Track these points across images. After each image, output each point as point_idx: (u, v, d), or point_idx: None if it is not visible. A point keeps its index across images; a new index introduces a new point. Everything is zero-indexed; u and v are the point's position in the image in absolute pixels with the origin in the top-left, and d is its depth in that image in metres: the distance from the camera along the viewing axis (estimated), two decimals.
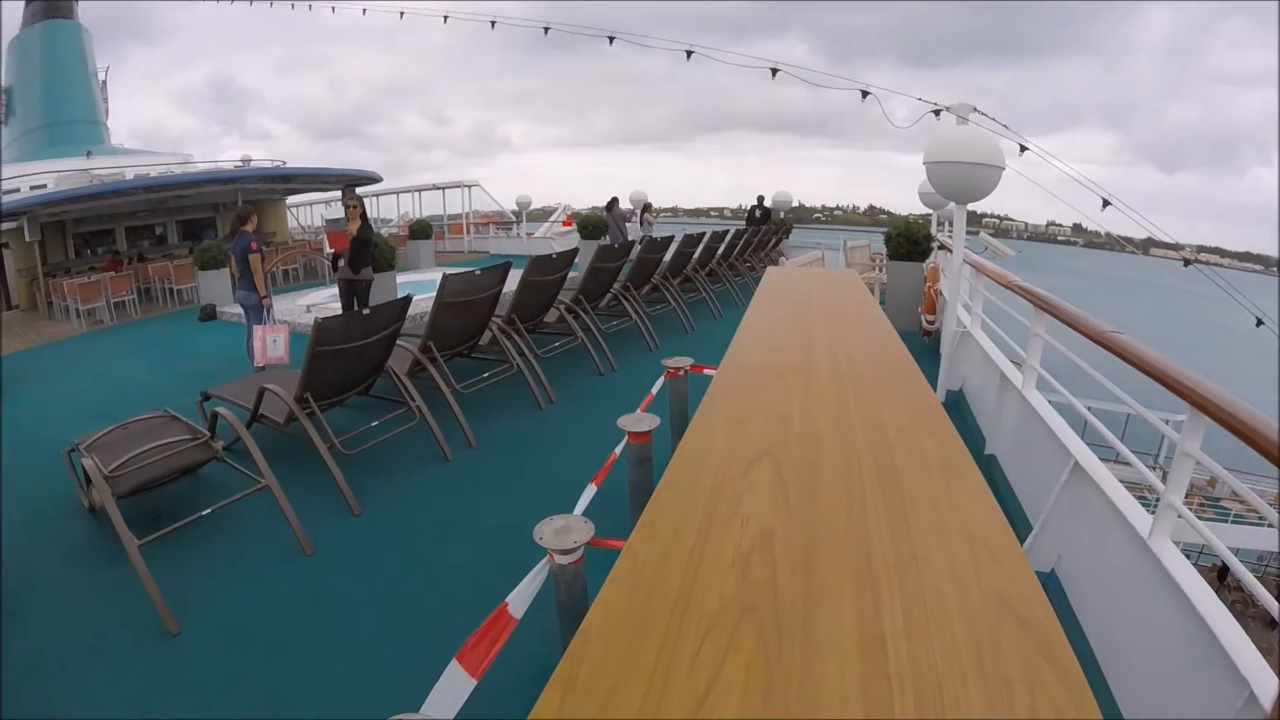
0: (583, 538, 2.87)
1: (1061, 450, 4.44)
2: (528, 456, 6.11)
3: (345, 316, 5.79)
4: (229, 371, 9.68)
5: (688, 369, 5.12)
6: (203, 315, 15.50)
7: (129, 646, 4.04)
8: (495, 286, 6.96)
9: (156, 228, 26.14)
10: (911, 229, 11.19)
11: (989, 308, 7.24)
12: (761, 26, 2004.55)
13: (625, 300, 9.47)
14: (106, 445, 5.21)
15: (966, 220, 6.85)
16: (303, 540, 4.80)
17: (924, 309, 10.40)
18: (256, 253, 9.03)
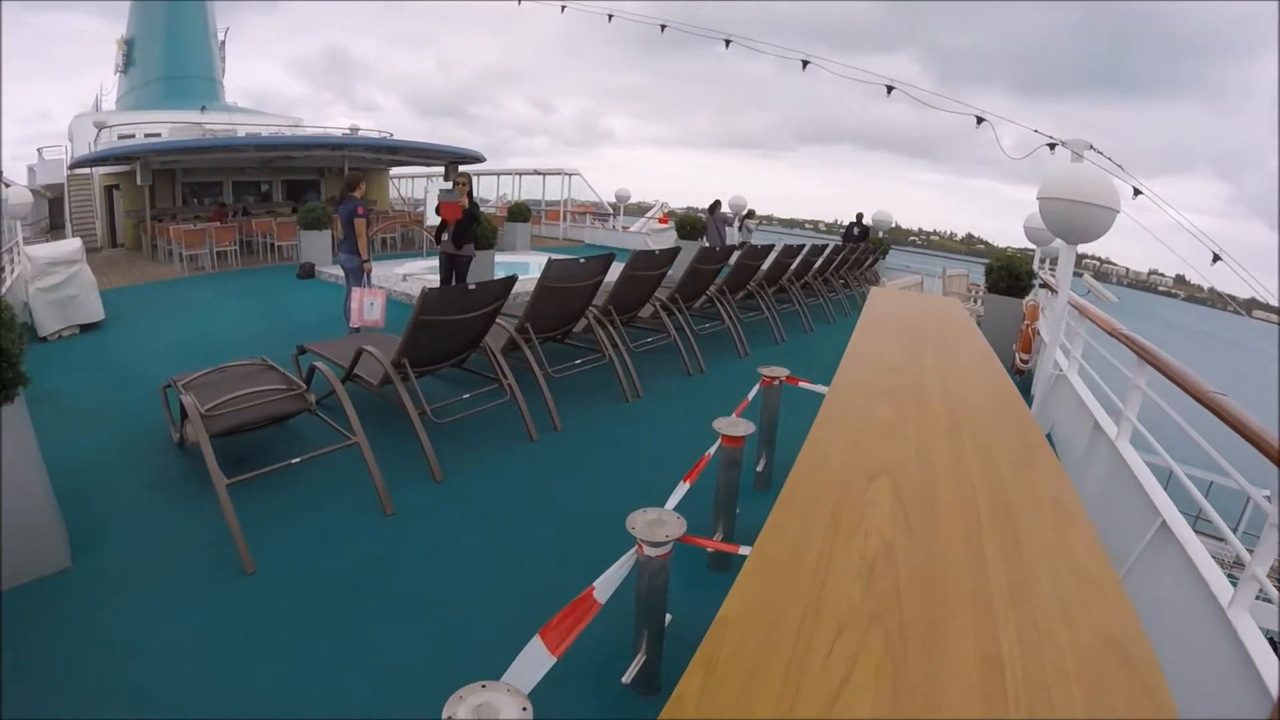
0: (674, 532, 2.86)
1: (1149, 508, 4.29)
2: (611, 446, 6.10)
3: (451, 289, 5.85)
4: (323, 329, 9.93)
5: (783, 380, 5.07)
6: (301, 272, 15.84)
7: (205, 579, 4.15)
8: (597, 276, 6.95)
9: (262, 185, 26.90)
10: (1014, 263, 10.89)
11: (1088, 352, 7.05)
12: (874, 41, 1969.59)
13: (720, 304, 9.39)
14: (204, 385, 5.33)
15: None
16: (385, 499, 4.85)
17: (1019, 346, 10.17)
18: (362, 218, 9.18)
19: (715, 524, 4.31)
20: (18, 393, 4.06)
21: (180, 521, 4.85)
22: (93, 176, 25.45)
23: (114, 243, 24.95)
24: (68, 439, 6.12)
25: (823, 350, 9.58)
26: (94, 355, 9.56)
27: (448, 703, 1.75)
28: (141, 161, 20.60)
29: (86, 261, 10.95)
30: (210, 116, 29.36)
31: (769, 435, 5.19)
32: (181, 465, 5.70)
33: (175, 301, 13.46)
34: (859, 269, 14.85)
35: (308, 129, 31.75)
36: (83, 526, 4.66)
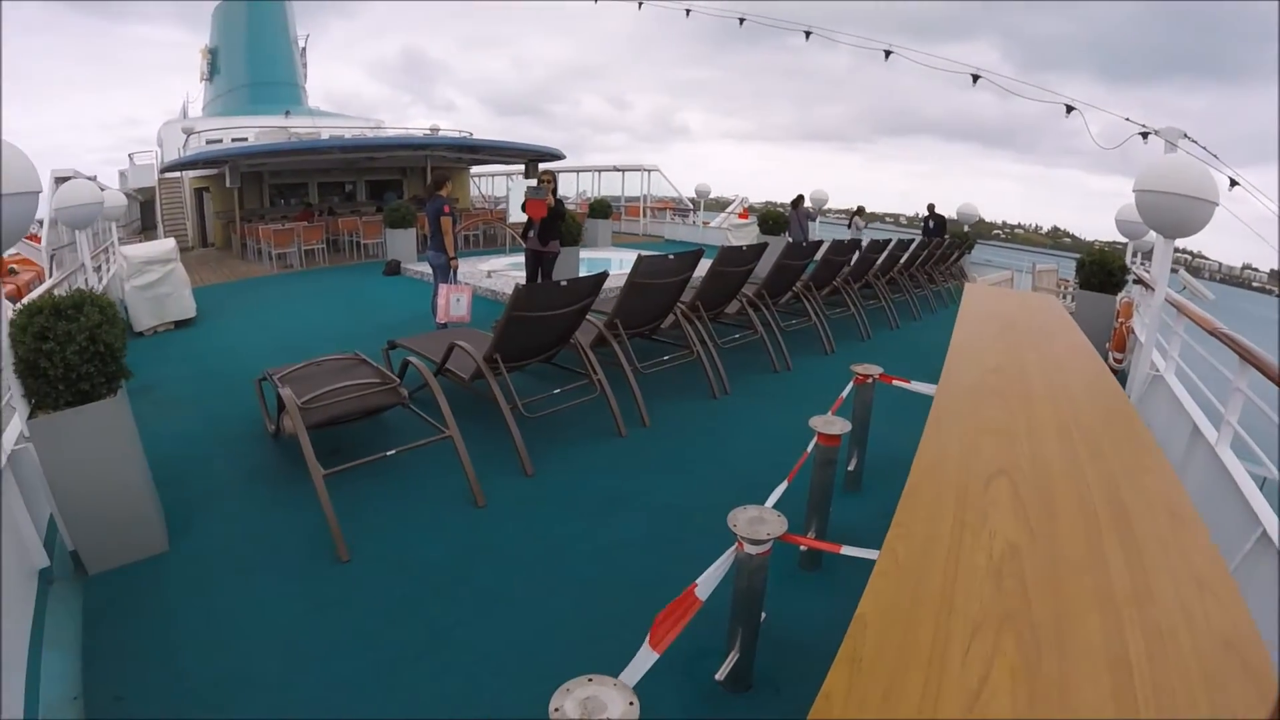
0: (775, 530, 2.83)
1: (1249, 516, 4.10)
2: (699, 443, 6.03)
3: (544, 285, 5.87)
4: (410, 324, 10.06)
5: (876, 378, 4.97)
6: (388, 270, 16.08)
7: (300, 565, 4.26)
8: (686, 272, 6.89)
9: (346, 185, 27.49)
10: (1106, 258, 10.51)
11: (1185, 352, 6.79)
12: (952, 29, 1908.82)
13: (806, 300, 9.27)
14: (299, 378, 5.44)
15: None
16: (476, 492, 4.88)
17: (1112, 345, 9.86)
18: (448, 216, 9.26)
19: (808, 523, 4.25)
20: (120, 385, 4.25)
21: (275, 510, 4.99)
22: (183, 180, 26.53)
23: (204, 242, 25.89)
24: (165, 429, 6.32)
25: (911, 347, 9.45)
26: (188, 349, 9.82)
27: (555, 695, 1.76)
28: (230, 165, 21.17)
29: (180, 260, 11.26)
30: (294, 120, 30.25)
31: (861, 435, 5.09)
32: (276, 455, 5.85)
33: (265, 298, 13.83)
34: (945, 264, 14.54)
35: (389, 130, 32.33)
36: (180, 513, 4.82)
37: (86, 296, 4.16)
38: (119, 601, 4.00)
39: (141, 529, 4.37)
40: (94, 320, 4.04)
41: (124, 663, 3.52)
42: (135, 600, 4.01)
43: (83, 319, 4.00)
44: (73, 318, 3.99)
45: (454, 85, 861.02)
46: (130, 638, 3.69)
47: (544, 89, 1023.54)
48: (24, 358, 3.93)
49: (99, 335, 4.03)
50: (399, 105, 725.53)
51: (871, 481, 5.15)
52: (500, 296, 12.08)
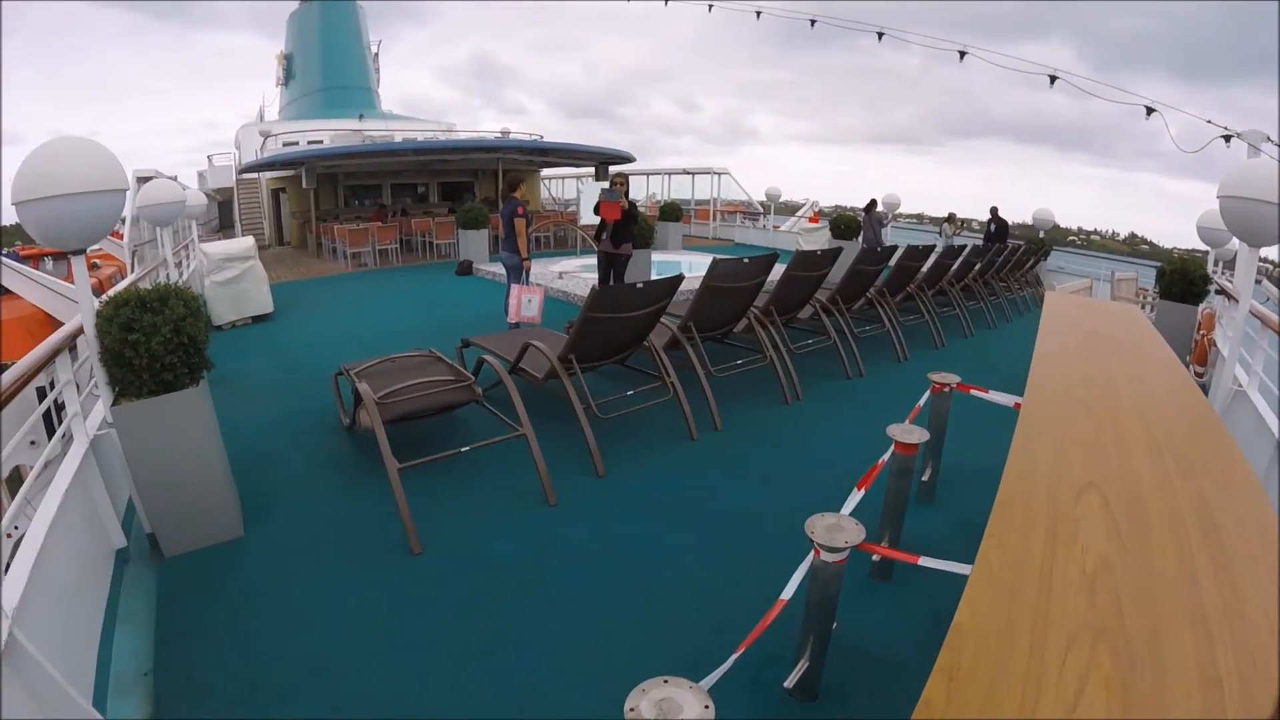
0: (853, 539, 2.78)
1: None
2: (771, 448, 5.96)
3: (620, 286, 5.87)
4: (482, 324, 10.13)
5: (954, 387, 4.86)
6: (460, 270, 16.29)
7: (372, 556, 4.32)
8: (760, 276, 6.84)
9: (419, 187, 27.95)
10: (1187, 267, 10.11)
11: (1270, 367, 6.52)
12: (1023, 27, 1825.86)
13: (880, 306, 9.13)
14: (375, 374, 5.51)
15: None
16: (548, 490, 4.90)
17: (1193, 358, 9.55)
18: (521, 217, 9.30)
19: (881, 533, 4.17)
20: (202, 376, 4.39)
21: (349, 501, 5.08)
22: (260, 180, 27.34)
23: (281, 241, 26.65)
24: (243, 419, 6.51)
25: (986, 356, 9.25)
26: (265, 343, 10.08)
27: (630, 695, 1.78)
28: (306, 166, 21.68)
29: (258, 258, 11.52)
30: (368, 124, 30.97)
31: (936, 445, 4.98)
32: (350, 448, 5.96)
33: (340, 295, 14.11)
34: (1020, 271, 14.23)
35: (460, 133, 32.71)
36: (255, 501, 4.96)
37: (172, 290, 4.30)
38: (193, 584, 4.11)
39: (218, 515, 4.51)
40: (178, 313, 4.17)
41: (195, 643, 3.61)
42: (209, 584, 4.11)
43: (168, 311, 4.14)
44: (158, 310, 4.13)
45: (524, 89, 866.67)
46: (203, 620, 3.78)
47: (613, 92, 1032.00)
48: (109, 347, 4.07)
49: (183, 327, 4.16)
50: (470, 109, 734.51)
51: (946, 493, 5.04)
52: (571, 298, 12.17)
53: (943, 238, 19.84)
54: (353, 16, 38.44)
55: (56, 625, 3.11)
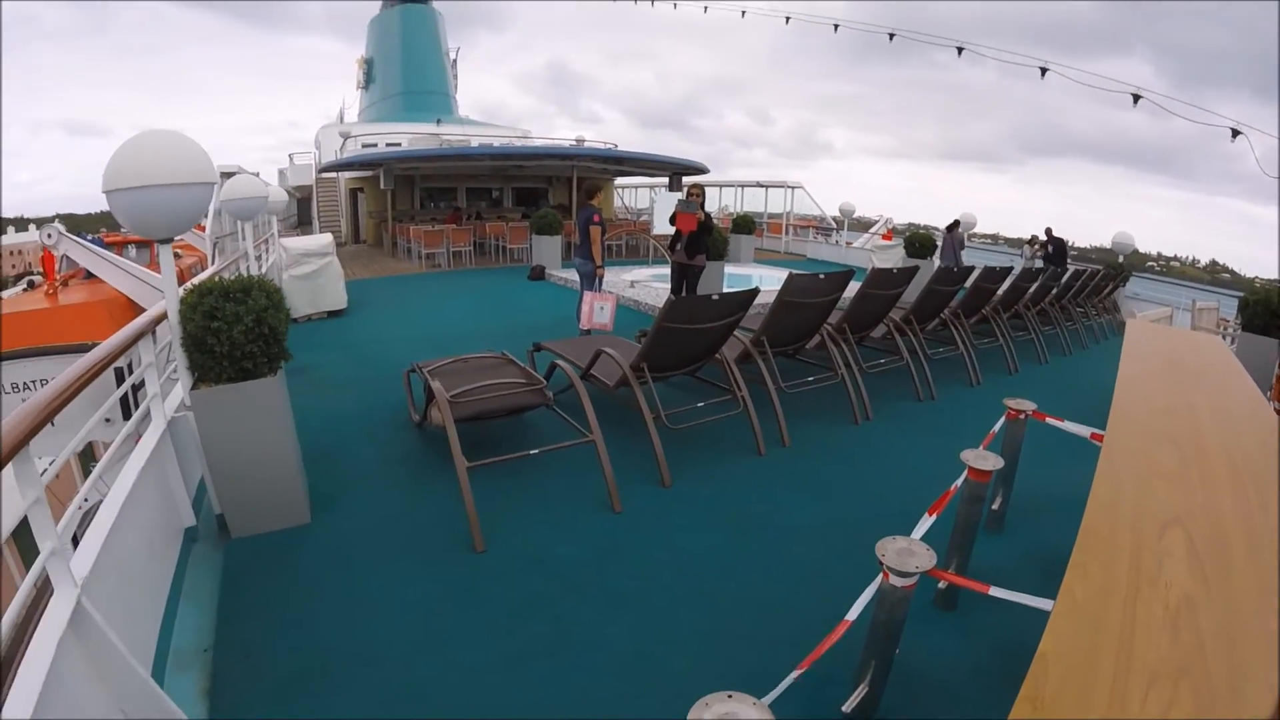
0: (924, 564, 2.71)
1: None
2: (839, 467, 5.86)
3: (696, 298, 5.85)
4: (552, 328, 10.24)
5: (1029, 414, 4.74)
6: (532, 274, 16.41)
7: (436, 551, 4.38)
8: (835, 292, 6.77)
9: (493, 191, 28.47)
10: (1271, 298, 9.76)
11: None
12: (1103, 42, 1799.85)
13: (954, 328, 8.97)
14: (447, 373, 5.60)
15: None
16: (614, 497, 4.89)
17: (1274, 394, 9.29)
18: (597, 225, 9.35)
19: (949, 560, 4.08)
20: (280, 366, 4.51)
21: (416, 496, 5.15)
22: (339, 180, 28.05)
23: (357, 239, 27.40)
24: (315, 410, 6.65)
25: (1061, 383, 8.99)
26: (339, 337, 10.32)
27: (694, 708, 1.79)
28: (385, 168, 22.18)
29: (335, 254, 11.75)
30: (445, 128, 31.73)
31: (1009, 473, 4.85)
32: (418, 443, 6.03)
33: (413, 294, 14.38)
34: (1098, 297, 13.88)
35: (536, 140, 33.18)
36: (324, 489, 5.07)
37: (255, 281, 4.44)
38: (258, 565, 4.22)
39: (286, 501, 4.62)
40: (261, 304, 4.29)
41: (257, 623, 3.69)
42: (273, 567, 4.21)
43: (250, 302, 4.26)
44: (241, 300, 4.25)
45: (598, 97, 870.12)
46: (265, 601, 3.87)
47: (687, 102, 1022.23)
48: (192, 334, 4.21)
49: (264, 318, 4.28)
50: (545, 116, 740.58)
51: (1015, 523, 4.90)
52: (642, 307, 12.22)
53: (1023, 259, 19.46)
54: (432, 23, 39.66)
55: (123, 597, 3.19)
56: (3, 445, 2.32)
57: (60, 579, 2.61)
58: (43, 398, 2.81)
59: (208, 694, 3.22)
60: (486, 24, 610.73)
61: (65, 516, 2.95)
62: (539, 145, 29.35)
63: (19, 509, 2.52)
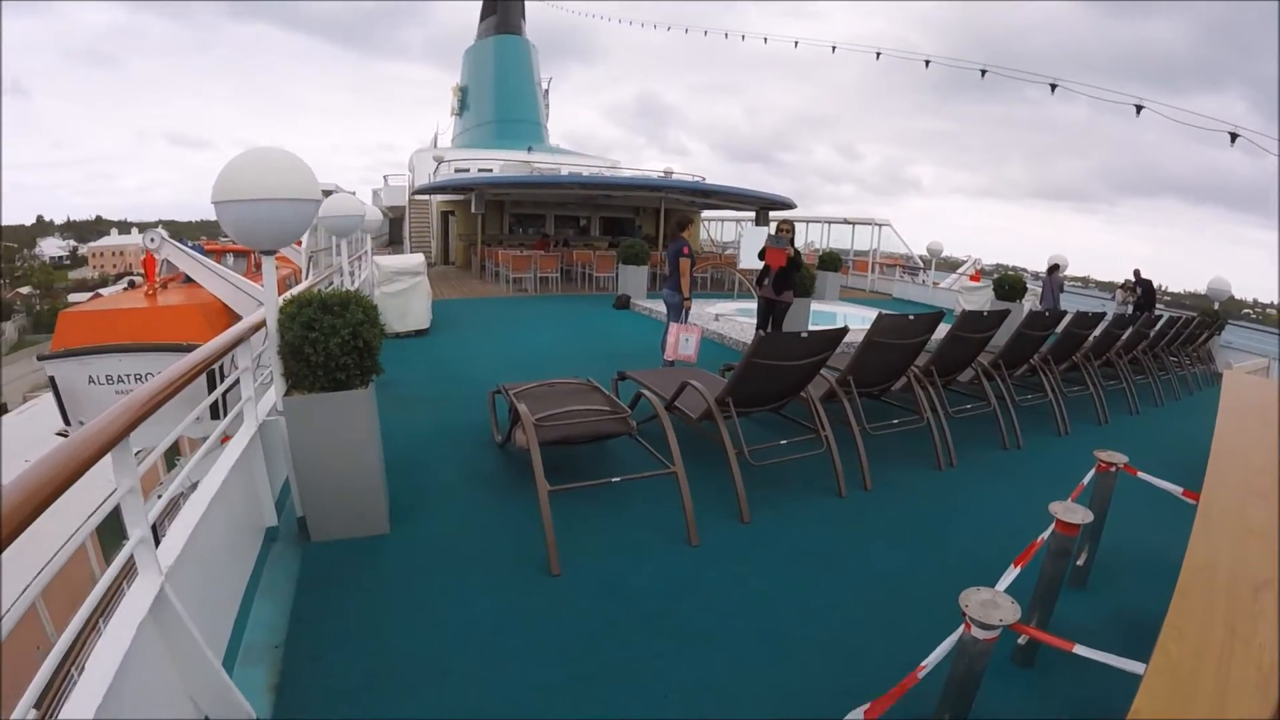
0: (1008, 617, 2.64)
1: None
2: (921, 514, 5.73)
3: (785, 334, 5.82)
4: (636, 358, 10.26)
5: (1120, 467, 4.58)
6: (617, 303, 16.56)
7: (511, 570, 4.42)
8: (924, 334, 6.69)
9: (581, 219, 28.91)
10: None
11: None
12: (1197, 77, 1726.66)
13: (1044, 374, 8.69)
14: (533, 396, 5.64)
15: None
16: (692, 530, 4.85)
17: None
18: (687, 257, 9.36)
19: (1030, 615, 3.97)
20: (372, 379, 4.65)
21: (494, 514, 5.21)
22: (431, 202, 28.94)
23: (446, 260, 28.03)
24: (400, 424, 6.80)
25: (1153, 436, 8.65)
26: (426, 355, 10.54)
27: None
28: (477, 192, 22.65)
29: (426, 274, 12.03)
30: (536, 156, 32.46)
31: (1096, 527, 4.67)
32: (499, 463, 6.11)
33: (499, 317, 14.65)
34: (1191, 345, 13.38)
35: (624, 170, 33.58)
36: (404, 501, 5.20)
37: (353, 296, 4.60)
38: (335, 569, 4.32)
39: (367, 509, 4.74)
40: (357, 318, 4.44)
41: (328, 626, 3.78)
42: (349, 572, 4.31)
43: (348, 315, 4.41)
44: (339, 313, 4.39)
45: (686, 130, 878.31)
46: (338, 604, 3.97)
47: (775, 136, 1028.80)
48: (290, 342, 4.37)
49: (360, 332, 4.43)
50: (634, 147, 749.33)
51: (1099, 579, 4.73)
52: (726, 340, 12.20)
53: (1115, 304, 18.93)
54: (525, 53, 40.79)
55: (202, 588, 3.31)
56: (106, 434, 2.43)
57: (146, 565, 2.74)
58: (145, 392, 2.97)
59: (275, 689, 3.31)
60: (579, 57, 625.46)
61: (157, 506, 3.07)
62: (627, 176, 29.64)
63: (116, 495, 2.67)
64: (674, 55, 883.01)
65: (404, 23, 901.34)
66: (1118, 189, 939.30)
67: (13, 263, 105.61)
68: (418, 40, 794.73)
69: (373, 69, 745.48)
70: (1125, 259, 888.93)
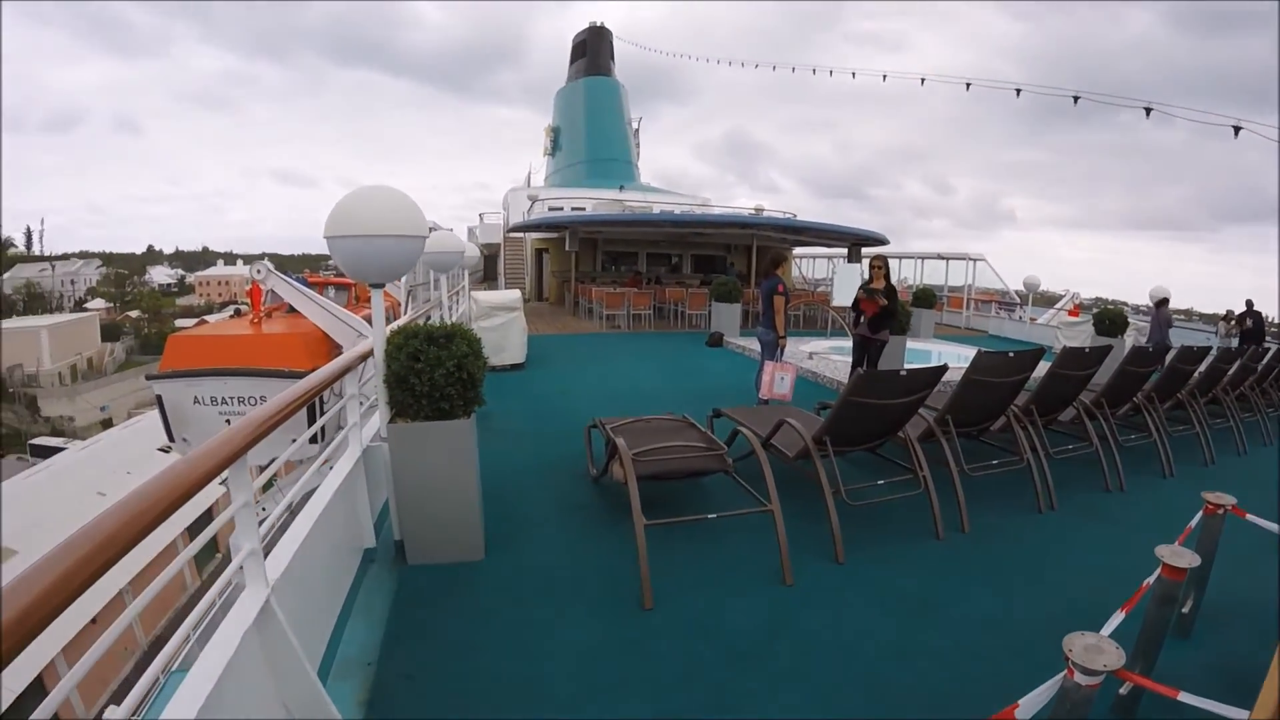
0: (1112, 662, 2.57)
1: None
2: (1020, 557, 5.60)
3: (883, 372, 5.78)
4: (729, 395, 10.25)
5: (1229, 509, 4.41)
6: (710, 341, 16.52)
7: (605, 602, 4.47)
8: (1024, 372, 6.56)
9: (673, 257, 29.11)
10: None
11: None
12: None
13: (1147, 413, 8.36)
14: (630, 431, 5.68)
15: None
16: (787, 570, 4.81)
17: None
18: (781, 295, 9.35)
19: (1133, 661, 3.86)
20: (474, 409, 4.79)
21: (588, 546, 5.29)
22: (525, 240, 29.68)
23: (540, 296, 28.54)
24: (496, 454, 6.95)
25: (1258, 476, 8.25)
26: (521, 389, 10.78)
27: None
28: (570, 230, 23.05)
29: (522, 310, 12.32)
30: (628, 194, 32.98)
31: (1203, 572, 4.47)
32: (593, 496, 6.19)
33: (592, 353, 14.88)
34: None
35: (715, 208, 33.77)
36: (499, 530, 5.31)
37: (458, 329, 4.78)
38: (430, 592, 4.45)
39: (464, 535, 4.89)
40: (462, 350, 4.60)
41: (421, 647, 3.89)
42: (445, 596, 4.43)
43: (453, 348, 4.56)
44: (444, 345, 4.55)
45: (777, 166, 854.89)
46: (434, 626, 4.08)
47: (865, 171, 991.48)
48: (396, 372, 4.53)
49: (465, 364, 4.59)
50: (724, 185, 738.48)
51: (1204, 627, 4.51)
52: (820, 379, 12.12)
53: (1218, 338, 18.28)
54: (615, 94, 41.91)
55: (302, 603, 3.44)
56: (227, 450, 2.63)
57: (254, 577, 2.89)
58: (263, 412, 3.16)
59: (366, 705, 3.43)
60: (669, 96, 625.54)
61: (266, 521, 3.22)
62: (719, 213, 29.92)
63: (231, 509, 2.85)
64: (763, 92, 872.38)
65: (500, 68, 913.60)
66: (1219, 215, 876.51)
67: (124, 288, 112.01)
68: (513, 84, 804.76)
69: (471, 112, 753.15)
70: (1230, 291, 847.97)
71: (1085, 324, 18.00)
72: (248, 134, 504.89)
